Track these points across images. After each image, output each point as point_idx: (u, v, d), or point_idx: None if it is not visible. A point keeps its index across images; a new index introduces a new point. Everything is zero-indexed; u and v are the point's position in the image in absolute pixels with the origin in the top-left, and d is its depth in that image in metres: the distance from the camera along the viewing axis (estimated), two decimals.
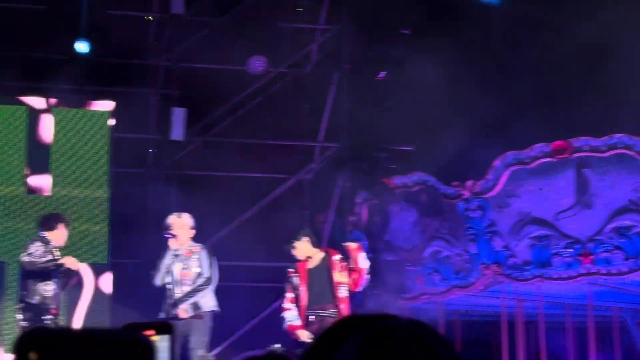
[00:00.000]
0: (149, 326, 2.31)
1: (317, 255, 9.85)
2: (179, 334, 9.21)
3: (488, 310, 13.92)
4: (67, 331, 2.03)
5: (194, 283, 9.33)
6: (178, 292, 9.31)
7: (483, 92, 11.72)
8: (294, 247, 9.89)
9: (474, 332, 13.79)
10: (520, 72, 11.71)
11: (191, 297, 9.28)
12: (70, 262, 9.22)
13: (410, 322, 2.07)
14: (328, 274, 9.80)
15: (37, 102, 11.91)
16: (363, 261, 9.86)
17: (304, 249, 9.88)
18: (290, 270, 10.05)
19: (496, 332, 13.17)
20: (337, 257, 9.87)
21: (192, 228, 9.59)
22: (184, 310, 9.21)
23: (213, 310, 9.48)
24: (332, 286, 9.76)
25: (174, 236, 9.38)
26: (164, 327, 2.35)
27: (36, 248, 9.13)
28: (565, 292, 12.18)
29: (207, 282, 9.41)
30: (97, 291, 11.64)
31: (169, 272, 9.36)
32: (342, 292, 9.78)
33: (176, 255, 9.39)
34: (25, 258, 9.09)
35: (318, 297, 9.71)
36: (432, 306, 12.83)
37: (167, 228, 9.48)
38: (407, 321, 2.06)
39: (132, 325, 2.26)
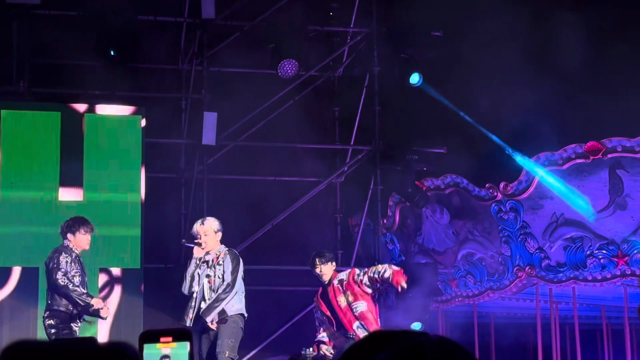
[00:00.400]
0: (166, 333, 2.30)
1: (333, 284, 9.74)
2: (209, 339, 9.15)
3: (522, 313, 13.86)
4: (52, 345, 2.00)
5: (217, 290, 9.13)
6: (208, 299, 9.13)
7: (514, 93, 11.64)
8: (320, 270, 9.71)
9: (509, 335, 13.71)
10: (552, 72, 11.62)
11: (215, 307, 9.08)
12: (98, 303, 9.19)
13: (441, 339, 2.04)
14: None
15: (69, 108, 11.98)
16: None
17: (329, 272, 9.73)
18: (314, 304, 10.01)
19: (531, 335, 13.11)
20: (336, 281, 9.74)
21: (218, 231, 9.38)
22: (211, 323, 9.04)
23: (240, 314, 9.22)
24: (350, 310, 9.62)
25: (199, 245, 9.23)
26: (182, 334, 2.33)
27: (65, 261, 9.11)
28: (600, 293, 12.11)
29: (228, 288, 9.12)
30: (130, 295, 11.67)
31: (195, 279, 9.22)
32: (358, 309, 9.64)
33: (205, 262, 9.24)
34: (60, 279, 9.05)
35: (342, 323, 9.63)
36: (465, 309, 12.79)
37: (194, 237, 9.33)
38: (438, 338, 2.03)
39: (148, 332, 2.25)
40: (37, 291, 11.32)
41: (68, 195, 11.71)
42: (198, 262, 9.24)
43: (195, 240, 9.25)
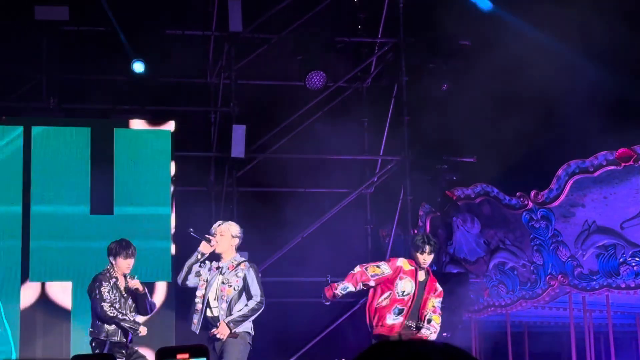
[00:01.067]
0: (183, 350, 2.30)
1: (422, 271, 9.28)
2: (215, 351, 8.68)
3: (556, 322, 13.77)
4: None
5: (233, 301, 8.62)
6: (214, 307, 8.67)
7: (543, 100, 11.59)
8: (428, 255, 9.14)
9: (542, 344, 13.64)
10: (580, 78, 11.56)
11: (244, 320, 8.61)
12: (144, 330, 9.03)
13: (446, 346, 2.03)
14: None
15: (99, 123, 12.05)
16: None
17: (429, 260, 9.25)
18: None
19: (565, 344, 13.00)
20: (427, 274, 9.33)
21: (236, 237, 8.87)
22: (223, 334, 8.56)
23: (248, 332, 8.74)
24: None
25: (207, 240, 8.79)
26: (198, 350, 2.33)
27: (107, 290, 9.10)
28: (634, 301, 12.01)
29: (261, 304, 8.69)
30: (161, 309, 11.71)
31: (206, 283, 8.72)
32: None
33: (218, 267, 8.79)
34: (108, 311, 9.05)
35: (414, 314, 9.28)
36: (498, 318, 12.72)
37: (209, 233, 8.87)
38: (442, 345, 2.02)
39: (165, 349, 2.25)
40: (69, 306, 11.38)
41: (99, 209, 11.78)
42: (200, 257, 8.79)
43: (206, 235, 8.83)
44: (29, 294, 11.45)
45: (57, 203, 11.73)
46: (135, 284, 9.10)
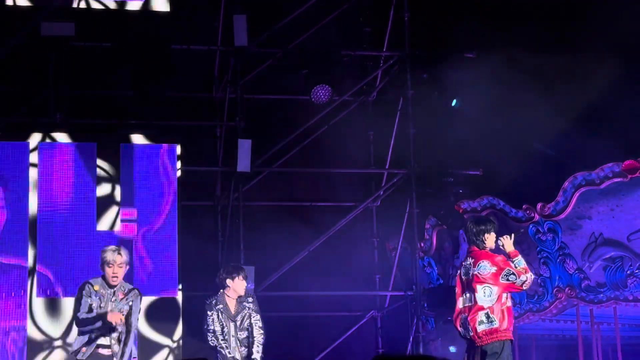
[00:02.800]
0: None
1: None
2: None
3: (564, 335, 13.73)
4: None
5: (125, 328, 8.38)
6: (106, 334, 8.38)
7: (549, 113, 11.60)
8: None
9: (550, 357, 13.60)
10: (587, 91, 11.58)
11: (128, 351, 8.38)
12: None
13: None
14: None
15: (105, 138, 12.08)
16: None
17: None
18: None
19: (573, 357, 12.97)
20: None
21: (128, 264, 8.59)
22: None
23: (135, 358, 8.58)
24: None
25: (114, 276, 8.42)
26: None
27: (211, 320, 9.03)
28: None
29: (133, 335, 8.50)
30: (168, 324, 11.71)
31: (92, 309, 8.38)
32: None
33: (110, 295, 8.44)
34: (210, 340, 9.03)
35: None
36: None
37: (107, 263, 8.44)
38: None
39: None
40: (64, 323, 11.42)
41: (105, 224, 11.79)
42: (108, 293, 8.44)
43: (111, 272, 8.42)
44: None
45: (63, 219, 11.76)
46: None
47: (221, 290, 9.20)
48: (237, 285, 9.15)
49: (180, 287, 11.84)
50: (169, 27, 12.09)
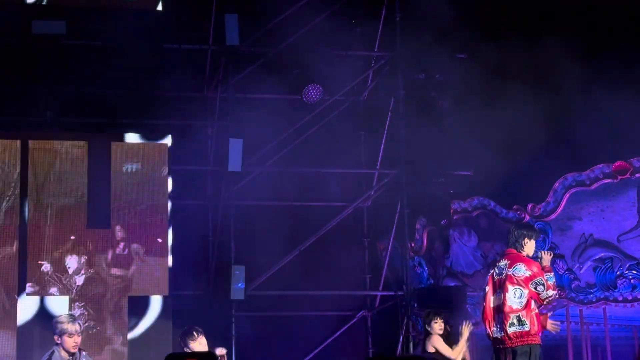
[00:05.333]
0: (191, 355, 2.30)
1: None
2: None
3: (553, 335, 13.73)
4: None
5: None
6: None
7: (540, 114, 11.62)
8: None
9: None
10: (578, 92, 11.61)
11: None
12: None
13: None
14: None
15: (96, 137, 12.06)
16: None
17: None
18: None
19: (562, 357, 13.00)
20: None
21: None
22: None
23: None
24: None
25: (75, 345, 8.30)
26: (207, 357, 2.34)
27: None
28: (631, 314, 12.01)
29: None
30: (159, 322, 11.71)
31: None
32: None
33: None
34: None
35: None
36: None
37: (67, 333, 8.27)
38: None
39: (173, 355, 2.25)
40: None
41: (96, 222, 11.78)
42: None
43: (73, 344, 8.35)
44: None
45: (55, 217, 11.74)
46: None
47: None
48: None
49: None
50: (160, 26, 12.07)
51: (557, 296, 8.78)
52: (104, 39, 11.78)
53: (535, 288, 8.56)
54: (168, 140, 12.20)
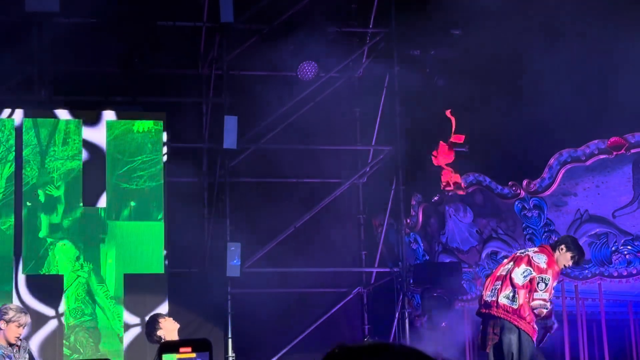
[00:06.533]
0: (185, 343, 2.29)
1: None
2: None
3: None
4: None
5: None
6: None
7: (535, 89, 11.60)
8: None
9: None
10: (574, 68, 11.57)
11: None
12: None
13: (401, 347, 2.03)
14: None
15: (91, 115, 12.03)
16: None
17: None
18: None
19: (558, 332, 13.03)
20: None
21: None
22: None
23: None
24: None
25: (18, 336, 8.22)
26: (201, 345, 2.33)
27: None
28: (627, 289, 12.03)
29: None
30: (154, 300, 11.71)
31: None
32: None
33: (16, 351, 8.22)
34: None
35: None
36: None
37: (16, 324, 8.16)
38: (399, 347, 2.02)
39: (167, 343, 2.25)
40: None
41: (92, 200, 11.78)
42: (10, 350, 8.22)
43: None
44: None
45: (50, 195, 11.73)
46: None
47: None
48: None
49: (166, 263, 11.84)
50: (154, 3, 12.01)
51: (547, 310, 8.82)
52: (97, 16, 11.72)
53: (537, 285, 8.60)
54: (163, 118, 12.18)
